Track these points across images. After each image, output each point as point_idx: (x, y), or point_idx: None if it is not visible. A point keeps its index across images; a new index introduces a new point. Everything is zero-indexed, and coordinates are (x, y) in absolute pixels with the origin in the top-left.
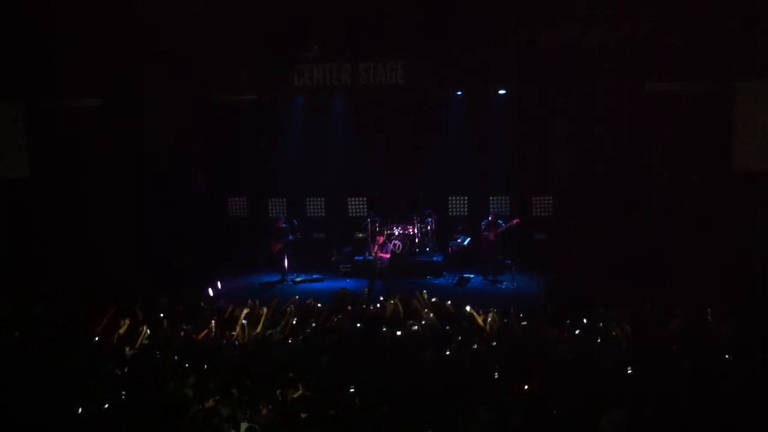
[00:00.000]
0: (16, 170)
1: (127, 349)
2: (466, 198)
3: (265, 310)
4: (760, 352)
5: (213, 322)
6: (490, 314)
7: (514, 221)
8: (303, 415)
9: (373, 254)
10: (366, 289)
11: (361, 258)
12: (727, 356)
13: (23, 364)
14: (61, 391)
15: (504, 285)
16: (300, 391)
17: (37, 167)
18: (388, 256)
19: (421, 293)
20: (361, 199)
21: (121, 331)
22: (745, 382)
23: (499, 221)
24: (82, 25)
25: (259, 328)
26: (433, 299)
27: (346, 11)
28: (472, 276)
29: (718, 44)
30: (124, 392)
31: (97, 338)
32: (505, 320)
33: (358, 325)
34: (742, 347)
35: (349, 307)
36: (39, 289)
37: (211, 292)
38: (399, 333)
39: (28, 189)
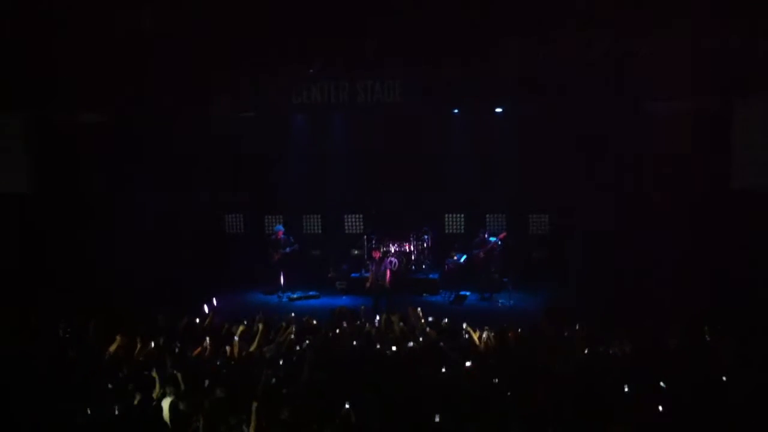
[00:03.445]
0: (16, 185)
1: (124, 364)
2: (462, 215)
3: (261, 327)
4: (762, 368)
5: (208, 339)
6: (485, 332)
7: (501, 235)
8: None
9: (373, 274)
10: (362, 307)
11: (358, 275)
12: (728, 373)
13: (24, 375)
14: (60, 404)
15: (500, 302)
16: (295, 409)
17: (37, 182)
18: (389, 274)
19: (415, 310)
20: (357, 216)
21: (113, 347)
22: (747, 399)
23: (490, 238)
24: (83, 38)
25: (254, 346)
26: (430, 318)
27: (344, 29)
28: (468, 293)
29: (717, 61)
30: (121, 407)
31: (93, 354)
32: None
33: (355, 342)
34: (743, 364)
35: (345, 324)
36: (39, 301)
37: (206, 308)
38: (395, 348)
39: (29, 204)
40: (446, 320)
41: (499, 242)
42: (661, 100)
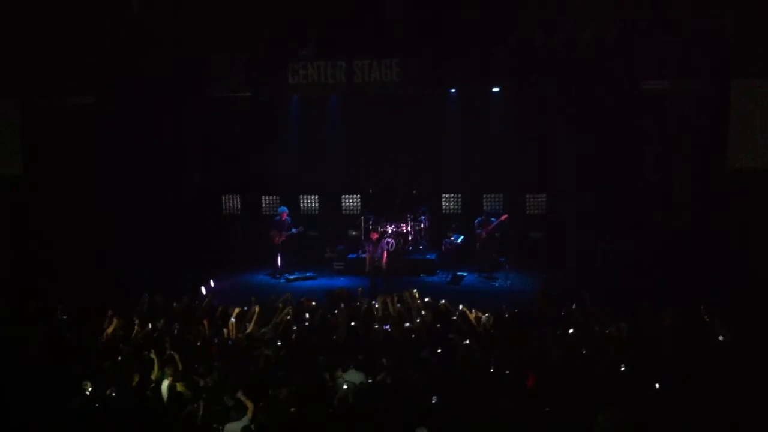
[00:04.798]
0: (11, 168)
1: (121, 346)
2: (459, 196)
3: (258, 308)
4: (757, 350)
5: (205, 321)
6: (484, 316)
7: (503, 217)
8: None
9: (370, 255)
10: (360, 288)
11: (355, 256)
12: (724, 354)
13: (21, 361)
14: (58, 389)
15: (498, 283)
16: (293, 390)
17: (32, 165)
18: (386, 255)
19: (411, 291)
20: (354, 196)
21: (109, 330)
22: (741, 381)
23: (491, 219)
24: (78, 21)
25: (251, 327)
26: (426, 298)
27: (342, 9)
28: (465, 274)
29: (714, 42)
30: (119, 390)
31: (91, 335)
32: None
33: (353, 323)
34: (739, 345)
35: (342, 305)
36: (35, 287)
37: (204, 290)
38: (389, 329)
39: (24, 187)
40: (443, 301)
41: (498, 224)
42: (659, 81)
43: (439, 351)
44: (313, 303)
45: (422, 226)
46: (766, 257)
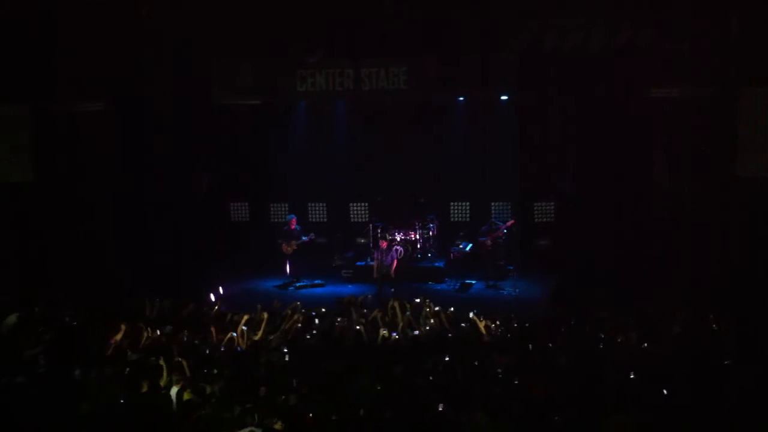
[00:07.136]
0: (21, 174)
1: (129, 352)
2: (467, 204)
3: (266, 315)
4: (763, 356)
5: (213, 327)
6: (493, 324)
7: (510, 223)
8: (305, 420)
9: (378, 262)
10: (368, 296)
11: (363, 263)
12: (730, 361)
13: (25, 366)
14: (63, 394)
15: (506, 291)
16: (302, 396)
17: (40, 170)
18: (395, 263)
19: (424, 299)
20: (362, 204)
21: (118, 336)
22: (748, 387)
23: (498, 223)
24: (87, 27)
25: (260, 333)
26: (437, 308)
27: (349, 16)
28: (473, 282)
29: (721, 49)
30: (126, 396)
31: (98, 341)
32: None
33: (361, 330)
34: (745, 352)
35: (351, 313)
36: (41, 291)
37: (212, 297)
38: (396, 336)
39: (32, 191)
40: (452, 309)
41: (505, 230)
42: (666, 86)
43: (446, 359)
44: (323, 309)
45: (430, 233)
46: None
